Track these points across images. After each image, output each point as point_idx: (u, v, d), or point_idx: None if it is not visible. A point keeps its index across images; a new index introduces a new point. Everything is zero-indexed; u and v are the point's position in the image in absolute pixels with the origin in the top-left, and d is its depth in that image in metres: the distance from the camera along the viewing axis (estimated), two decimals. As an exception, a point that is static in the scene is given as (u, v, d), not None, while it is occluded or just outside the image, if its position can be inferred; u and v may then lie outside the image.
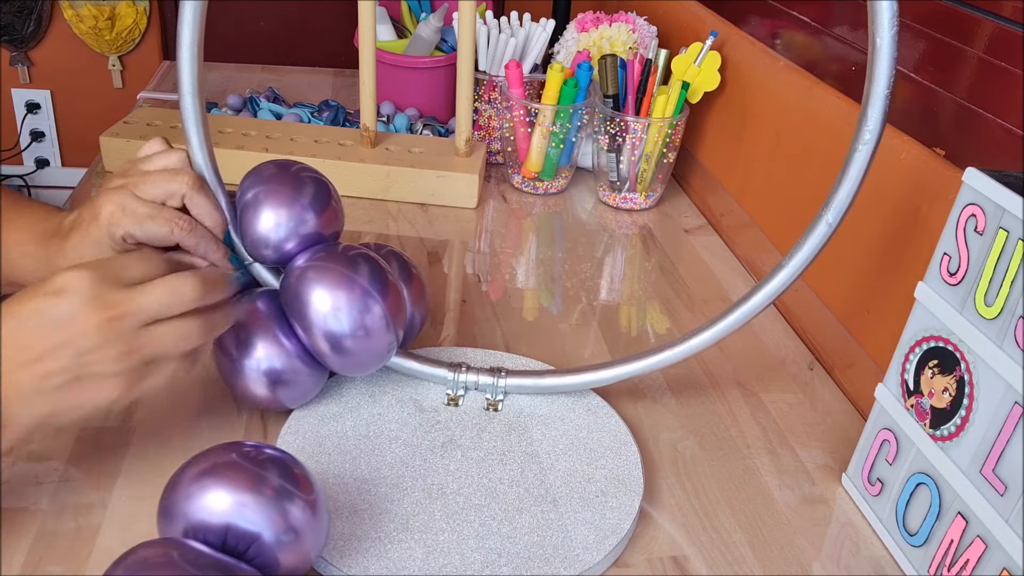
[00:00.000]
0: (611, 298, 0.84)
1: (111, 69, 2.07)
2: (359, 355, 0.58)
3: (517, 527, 0.53)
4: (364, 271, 0.58)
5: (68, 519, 0.53)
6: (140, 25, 2.01)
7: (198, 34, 0.56)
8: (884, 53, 0.51)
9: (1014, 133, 0.58)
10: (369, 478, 0.56)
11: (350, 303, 0.57)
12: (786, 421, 0.68)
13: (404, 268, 0.64)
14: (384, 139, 1.01)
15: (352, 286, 0.57)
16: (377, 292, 0.57)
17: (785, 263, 0.58)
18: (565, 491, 0.57)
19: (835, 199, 0.56)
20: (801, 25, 0.86)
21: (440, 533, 0.53)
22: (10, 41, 1.99)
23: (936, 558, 0.52)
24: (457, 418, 0.62)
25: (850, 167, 0.55)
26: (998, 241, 0.48)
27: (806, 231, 0.57)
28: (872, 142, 0.54)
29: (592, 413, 0.64)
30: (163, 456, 0.58)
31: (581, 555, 0.52)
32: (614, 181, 1.00)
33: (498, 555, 0.51)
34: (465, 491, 0.56)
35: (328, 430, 0.60)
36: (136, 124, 0.99)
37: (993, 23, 0.61)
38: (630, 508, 0.56)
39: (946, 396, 0.52)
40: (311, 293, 0.57)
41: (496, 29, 1.03)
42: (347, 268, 0.57)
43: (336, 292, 0.56)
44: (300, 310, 0.57)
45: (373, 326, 0.57)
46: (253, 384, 0.58)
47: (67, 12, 1.96)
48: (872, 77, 0.52)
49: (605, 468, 0.59)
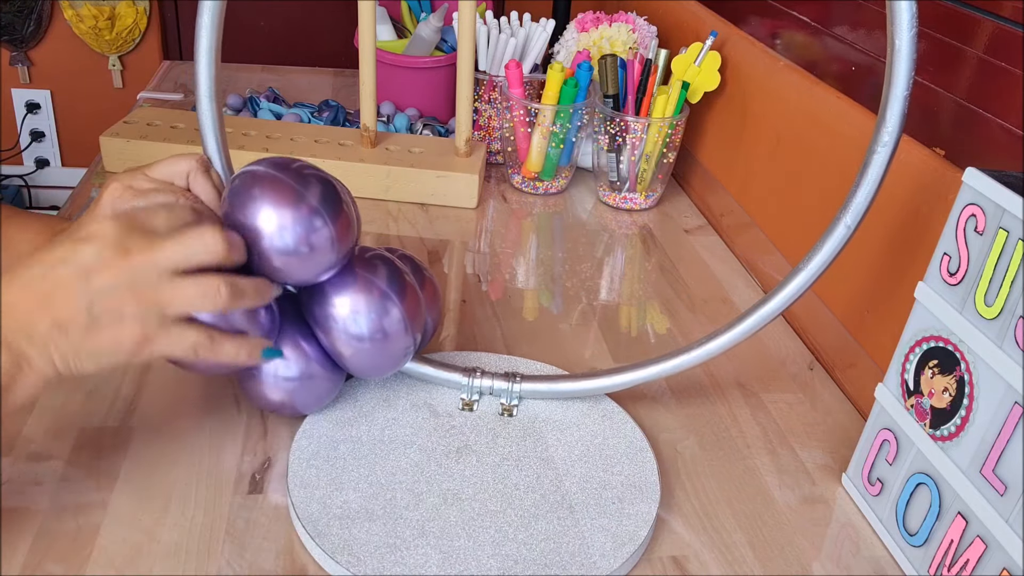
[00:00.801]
0: (611, 298, 0.84)
1: (111, 69, 2.07)
2: (378, 357, 0.58)
3: (533, 534, 0.53)
4: (382, 273, 0.58)
5: (68, 519, 0.53)
6: (140, 25, 2.01)
7: (216, 38, 0.56)
8: (903, 55, 0.51)
9: (1014, 133, 0.58)
10: (385, 483, 0.56)
11: (368, 305, 0.57)
12: (786, 421, 0.68)
13: (418, 272, 0.63)
14: (384, 139, 1.01)
15: (371, 288, 0.57)
16: (395, 294, 0.57)
17: (804, 265, 0.58)
18: (581, 497, 0.56)
19: (854, 202, 0.55)
20: (801, 25, 0.86)
21: (456, 539, 0.52)
22: (10, 41, 1.99)
23: (936, 558, 0.52)
24: (472, 423, 0.62)
25: (869, 169, 0.54)
26: (998, 241, 0.48)
27: (824, 234, 0.57)
28: (891, 144, 0.53)
29: (607, 419, 0.64)
30: (163, 456, 0.58)
31: (598, 562, 0.52)
32: (614, 181, 1.00)
33: (515, 561, 0.51)
34: (481, 497, 0.56)
35: (343, 435, 0.60)
36: (136, 124, 0.99)
37: (993, 23, 0.61)
38: (647, 515, 0.55)
39: (946, 396, 0.52)
40: (332, 296, 0.56)
41: (496, 29, 1.03)
42: (365, 270, 0.57)
43: (356, 295, 0.56)
44: (320, 313, 0.57)
45: (391, 329, 0.57)
46: (270, 390, 0.58)
47: (67, 12, 1.96)
48: (891, 79, 0.52)
49: (621, 475, 0.59)
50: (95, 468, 0.57)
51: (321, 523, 0.52)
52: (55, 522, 0.52)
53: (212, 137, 0.59)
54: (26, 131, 2.14)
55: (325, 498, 0.54)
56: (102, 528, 0.52)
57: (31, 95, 2.09)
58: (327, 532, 0.52)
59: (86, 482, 0.55)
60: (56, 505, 0.54)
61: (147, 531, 0.52)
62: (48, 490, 0.55)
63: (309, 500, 0.54)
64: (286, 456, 0.59)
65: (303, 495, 0.54)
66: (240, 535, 0.53)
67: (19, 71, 2.04)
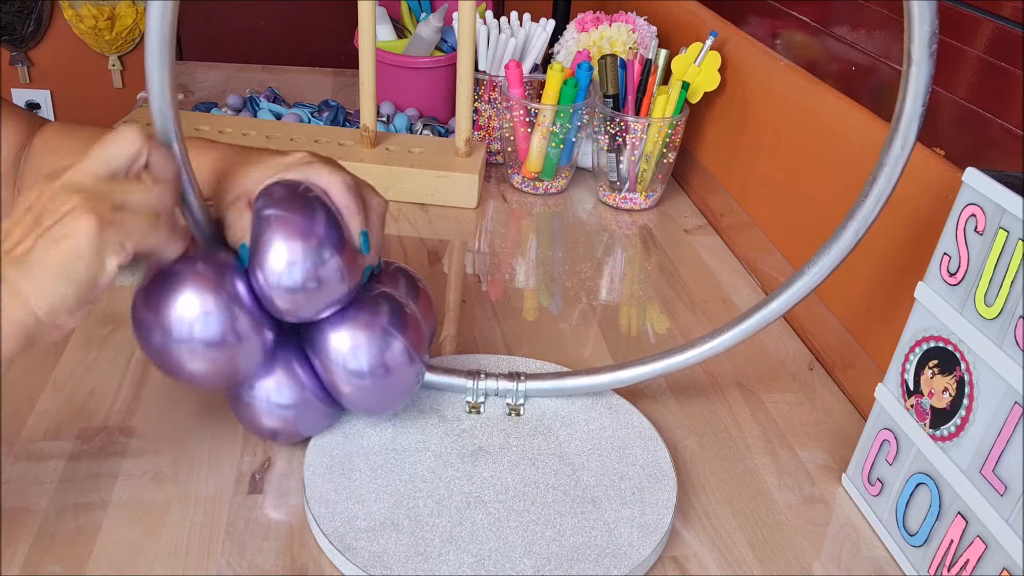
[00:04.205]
0: (611, 298, 0.84)
1: (111, 69, 2.07)
2: (383, 394, 0.57)
3: (561, 530, 0.53)
4: (384, 311, 0.56)
5: (68, 519, 0.53)
6: (140, 25, 2.00)
7: (168, 37, 0.49)
8: (922, 69, 0.50)
9: (1014, 133, 0.58)
10: (405, 492, 0.56)
11: (370, 342, 0.55)
12: (786, 421, 0.68)
13: (411, 284, 0.62)
14: (384, 139, 1.01)
15: (373, 325, 0.55)
16: (396, 329, 0.56)
17: (809, 268, 0.58)
18: (601, 490, 0.57)
19: (861, 210, 0.55)
20: (801, 25, 0.86)
21: (486, 542, 0.52)
22: (10, 41, 1.99)
23: (936, 558, 0.52)
24: (481, 425, 0.62)
25: (878, 180, 0.54)
26: (998, 241, 0.48)
27: (831, 238, 0.56)
28: (904, 157, 0.52)
29: (614, 411, 0.64)
30: (163, 456, 0.58)
31: (628, 553, 0.52)
32: (614, 181, 0.99)
33: (547, 559, 0.51)
34: (503, 498, 0.56)
35: (354, 447, 0.59)
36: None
37: (993, 23, 0.61)
38: (668, 502, 0.56)
39: (946, 396, 0.52)
40: (328, 331, 0.55)
41: (496, 29, 1.03)
42: (367, 311, 0.56)
43: (355, 333, 0.55)
44: (318, 348, 0.56)
45: (394, 363, 0.56)
46: (266, 417, 0.56)
47: (67, 12, 1.96)
48: (907, 93, 0.51)
49: (636, 464, 0.59)
50: (95, 468, 0.57)
51: (348, 537, 0.52)
52: (55, 522, 0.52)
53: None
54: (26, 131, 2.13)
55: (347, 512, 0.54)
56: (102, 528, 0.52)
57: (31, 95, 2.09)
58: (355, 546, 0.51)
59: (86, 482, 0.55)
60: (56, 505, 0.54)
61: (147, 531, 0.52)
62: (48, 490, 0.55)
63: (332, 515, 0.53)
64: (286, 457, 0.59)
65: (324, 511, 0.53)
66: (240, 535, 0.53)
67: (19, 71, 2.04)
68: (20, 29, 1.98)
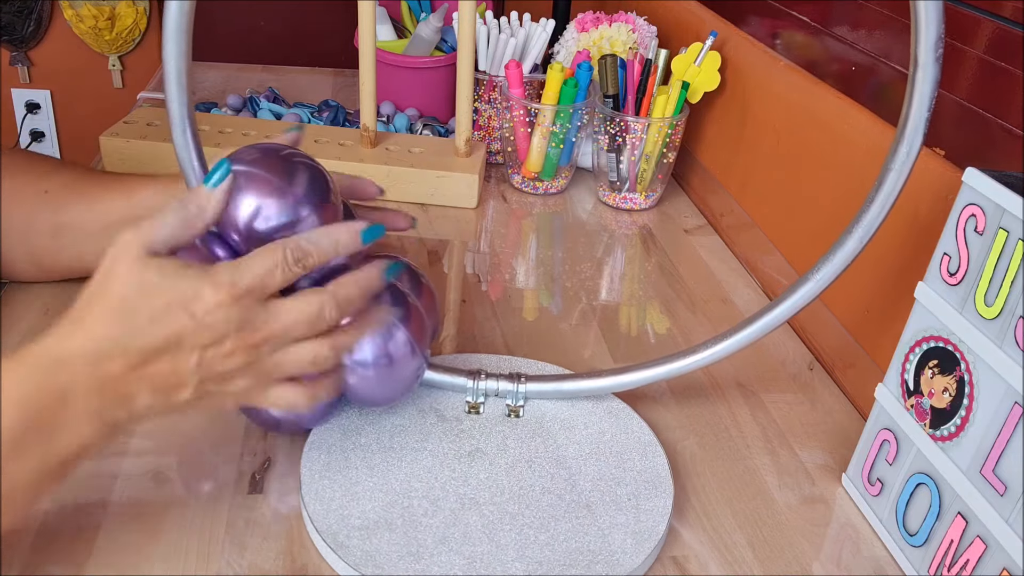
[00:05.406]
0: (611, 298, 0.84)
1: (111, 69, 2.07)
2: (385, 384, 0.56)
3: (555, 535, 0.53)
4: (387, 301, 0.56)
5: (68, 519, 0.53)
6: (140, 25, 2.01)
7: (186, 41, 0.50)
8: (928, 71, 0.50)
9: (1014, 133, 0.58)
10: (400, 491, 0.56)
11: (374, 331, 0.55)
12: (786, 421, 0.68)
13: (414, 280, 0.62)
14: (384, 139, 1.01)
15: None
16: (400, 319, 0.55)
17: (813, 275, 0.58)
18: (597, 495, 0.57)
19: (867, 216, 0.55)
20: (801, 25, 0.86)
21: (479, 544, 0.52)
22: (10, 41, 1.98)
23: (936, 558, 0.52)
24: (480, 426, 0.62)
25: (884, 185, 0.53)
26: (998, 241, 0.48)
27: (835, 245, 0.56)
28: (910, 163, 0.52)
29: (614, 416, 0.64)
30: (163, 456, 0.58)
31: (621, 559, 0.52)
32: (614, 181, 0.99)
33: (539, 564, 0.51)
34: (498, 500, 0.56)
35: (352, 444, 0.59)
36: (136, 124, 0.99)
37: (993, 23, 0.61)
38: (663, 510, 0.56)
39: (946, 396, 0.52)
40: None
41: (496, 29, 1.03)
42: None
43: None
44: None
45: (397, 353, 0.55)
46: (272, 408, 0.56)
47: (67, 12, 1.96)
48: (913, 98, 0.51)
49: (633, 470, 0.59)
50: (95, 468, 0.56)
51: (341, 535, 0.52)
52: (55, 522, 0.52)
53: (180, 128, 0.52)
54: (26, 131, 2.14)
55: (342, 509, 0.54)
56: (102, 528, 0.52)
57: (31, 95, 2.09)
58: (348, 544, 0.51)
59: (86, 482, 0.55)
60: (56, 505, 0.54)
61: (147, 531, 0.52)
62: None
63: (326, 513, 0.53)
64: (286, 456, 0.59)
65: (320, 508, 0.53)
66: (240, 535, 0.53)
67: (19, 71, 2.04)
68: (20, 29, 1.98)
